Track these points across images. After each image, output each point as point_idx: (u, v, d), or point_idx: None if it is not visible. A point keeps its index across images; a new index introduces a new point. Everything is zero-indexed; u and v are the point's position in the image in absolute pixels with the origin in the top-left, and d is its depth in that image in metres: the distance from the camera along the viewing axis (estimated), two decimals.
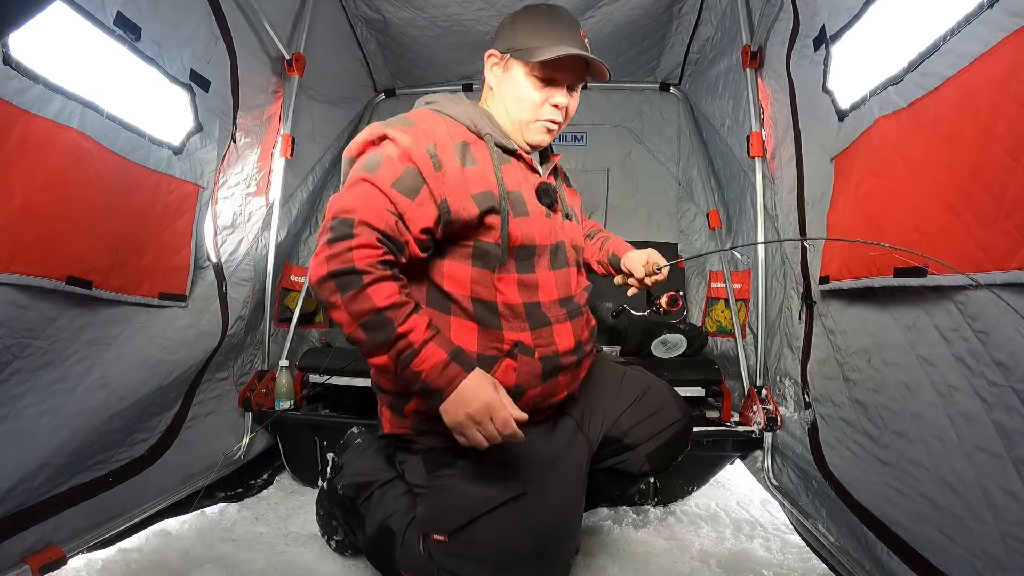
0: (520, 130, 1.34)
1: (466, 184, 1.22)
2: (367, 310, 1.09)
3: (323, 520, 1.73)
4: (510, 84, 1.32)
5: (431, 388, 1.12)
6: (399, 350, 1.11)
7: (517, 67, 1.31)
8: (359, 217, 1.11)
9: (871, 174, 1.37)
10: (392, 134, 1.19)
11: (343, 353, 2.37)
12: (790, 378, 1.90)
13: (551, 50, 1.25)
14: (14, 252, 1.21)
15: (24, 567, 1.31)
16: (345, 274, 1.09)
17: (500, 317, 1.27)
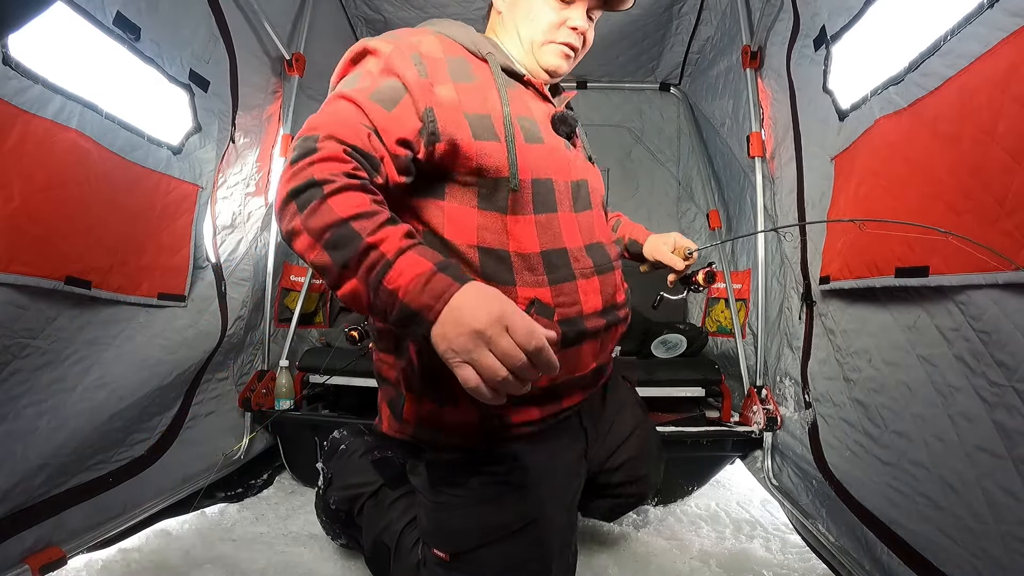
0: (533, 53, 1.22)
1: (459, 100, 1.05)
2: (328, 223, 0.83)
3: (326, 525, 1.72)
4: (525, 4, 1.21)
5: (412, 310, 0.79)
6: (369, 265, 0.82)
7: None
8: (325, 132, 0.92)
9: (872, 174, 1.37)
10: (373, 45, 1.07)
11: (343, 353, 2.37)
12: (790, 378, 1.90)
13: None
14: (13, 252, 1.21)
15: (24, 567, 1.31)
16: (304, 189, 0.86)
17: (512, 270, 1.05)
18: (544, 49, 1.21)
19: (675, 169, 3.20)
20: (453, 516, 1.15)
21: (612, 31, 2.78)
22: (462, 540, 1.14)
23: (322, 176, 0.86)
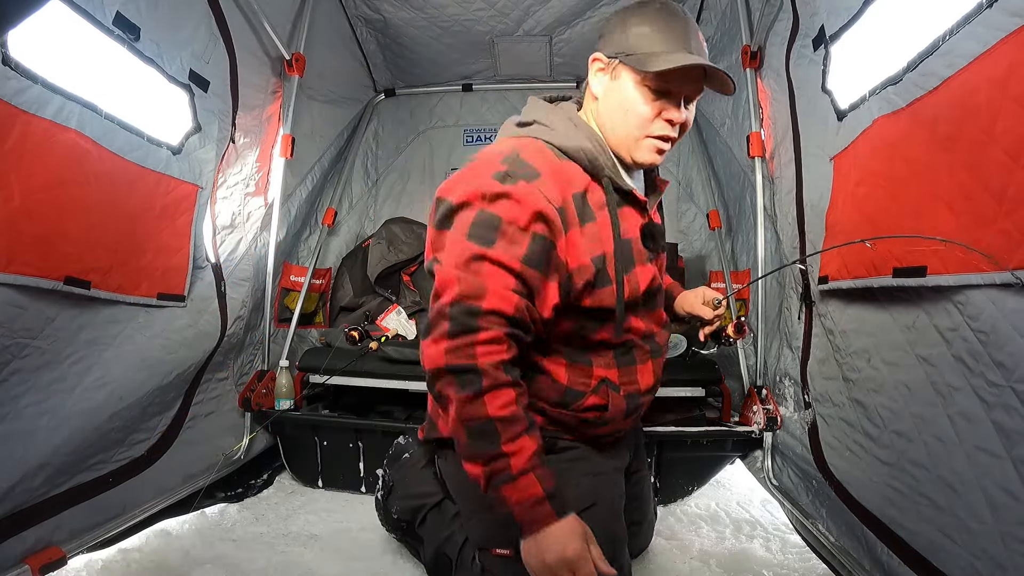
0: (628, 147, 1.20)
1: (586, 246, 1.13)
2: (478, 416, 1.00)
3: (387, 527, 1.69)
4: (618, 94, 1.17)
5: (515, 517, 1.01)
6: (497, 468, 1.01)
7: (627, 75, 1.16)
8: (486, 305, 1.01)
9: (871, 174, 1.37)
10: (513, 192, 1.05)
11: (343, 353, 2.37)
12: (790, 378, 1.90)
13: (668, 58, 1.10)
14: (12, 252, 1.22)
15: (24, 567, 1.31)
16: (466, 372, 1.01)
17: (592, 353, 1.23)
18: (639, 145, 1.20)
19: (675, 169, 3.20)
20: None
21: None
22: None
23: (483, 365, 1.00)
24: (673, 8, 1.17)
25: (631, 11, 1.19)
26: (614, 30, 1.19)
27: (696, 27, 1.18)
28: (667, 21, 1.15)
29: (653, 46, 1.13)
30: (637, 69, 1.13)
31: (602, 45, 1.21)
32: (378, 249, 3.01)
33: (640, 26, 1.15)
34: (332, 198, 3.04)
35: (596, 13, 2.67)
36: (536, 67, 3.10)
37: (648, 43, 1.13)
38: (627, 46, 1.15)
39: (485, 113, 3.35)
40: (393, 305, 2.86)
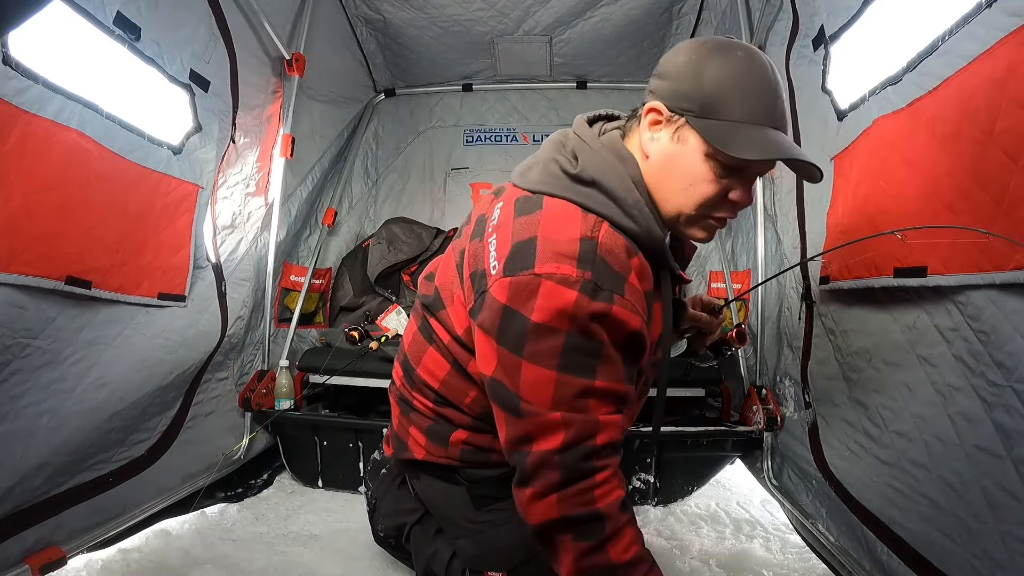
0: (679, 222, 1.01)
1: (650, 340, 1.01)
2: (600, 565, 0.89)
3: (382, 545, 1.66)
4: (680, 164, 0.96)
5: None
6: None
7: (695, 142, 0.95)
8: (600, 441, 0.88)
9: (870, 174, 1.37)
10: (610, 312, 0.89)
11: (343, 353, 2.37)
12: (790, 378, 1.90)
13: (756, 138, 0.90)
14: (13, 252, 1.21)
15: (24, 567, 1.30)
16: (585, 521, 0.88)
17: None
18: (693, 223, 1.02)
19: None
20: (500, 532, 1.16)
21: (612, 31, 2.78)
22: (515, 553, 1.14)
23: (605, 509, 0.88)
24: (762, 60, 0.95)
25: (708, 55, 0.94)
26: (683, 75, 0.95)
27: (781, 81, 0.96)
28: (757, 80, 0.93)
29: (735, 111, 0.91)
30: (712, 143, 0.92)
31: (662, 89, 0.98)
32: (378, 249, 3.01)
33: (721, 80, 0.92)
34: (332, 198, 3.04)
35: (596, 13, 2.67)
36: (536, 67, 3.10)
37: (729, 107, 0.92)
38: (701, 103, 0.93)
39: (485, 113, 3.35)
40: (393, 305, 2.86)
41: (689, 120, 0.94)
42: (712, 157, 0.94)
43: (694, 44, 0.98)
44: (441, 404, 1.18)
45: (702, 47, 0.96)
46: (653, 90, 1.00)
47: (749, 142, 0.90)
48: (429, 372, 1.19)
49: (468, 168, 3.34)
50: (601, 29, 2.77)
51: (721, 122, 0.92)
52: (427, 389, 1.20)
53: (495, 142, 3.34)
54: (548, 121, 3.31)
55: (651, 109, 0.98)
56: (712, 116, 0.93)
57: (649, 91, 1.01)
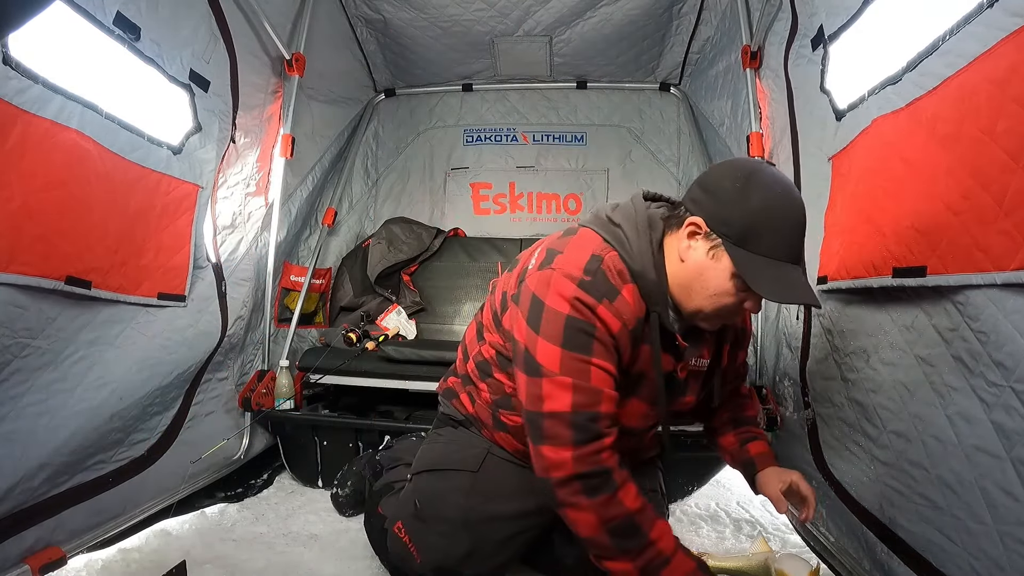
0: (695, 314, 1.18)
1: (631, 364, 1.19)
2: (618, 515, 1.07)
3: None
4: (708, 275, 1.12)
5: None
6: (649, 558, 1.08)
7: (727, 262, 1.09)
8: (603, 409, 1.08)
9: (869, 174, 1.37)
10: (598, 308, 1.09)
11: (342, 353, 2.38)
12: (789, 378, 1.90)
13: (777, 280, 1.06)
14: (13, 252, 1.22)
15: (24, 567, 1.31)
16: (595, 475, 1.07)
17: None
18: (708, 320, 1.19)
19: (675, 169, 3.20)
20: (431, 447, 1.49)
21: (612, 31, 2.78)
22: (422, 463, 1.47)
23: (612, 465, 1.08)
24: (795, 199, 1.11)
25: (753, 187, 1.08)
26: (727, 201, 1.09)
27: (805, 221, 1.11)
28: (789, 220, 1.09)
29: (764, 246, 1.06)
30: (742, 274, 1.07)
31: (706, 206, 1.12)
32: (378, 249, 3.01)
33: (758, 216, 1.07)
34: (332, 198, 3.04)
35: (596, 13, 2.67)
36: (536, 67, 3.10)
37: (760, 241, 1.07)
38: (738, 232, 1.07)
39: (485, 113, 3.35)
40: (393, 305, 2.87)
41: (725, 244, 1.09)
42: (737, 277, 1.09)
43: (741, 170, 1.12)
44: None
45: (750, 177, 1.09)
46: (697, 201, 1.14)
47: (771, 280, 1.06)
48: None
49: (468, 168, 3.34)
50: (601, 29, 2.76)
51: (751, 254, 1.07)
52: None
53: (495, 142, 3.34)
54: (548, 121, 3.31)
55: (693, 222, 1.12)
56: (744, 246, 1.07)
57: (692, 199, 1.16)
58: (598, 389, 1.09)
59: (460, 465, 1.40)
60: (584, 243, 1.17)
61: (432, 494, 1.39)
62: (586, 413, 1.08)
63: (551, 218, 3.27)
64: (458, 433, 1.47)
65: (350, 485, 2.02)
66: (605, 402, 1.09)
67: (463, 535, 1.33)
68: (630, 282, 1.14)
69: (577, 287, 1.09)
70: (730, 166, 1.16)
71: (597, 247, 1.15)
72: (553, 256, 1.16)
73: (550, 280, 1.11)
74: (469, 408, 1.43)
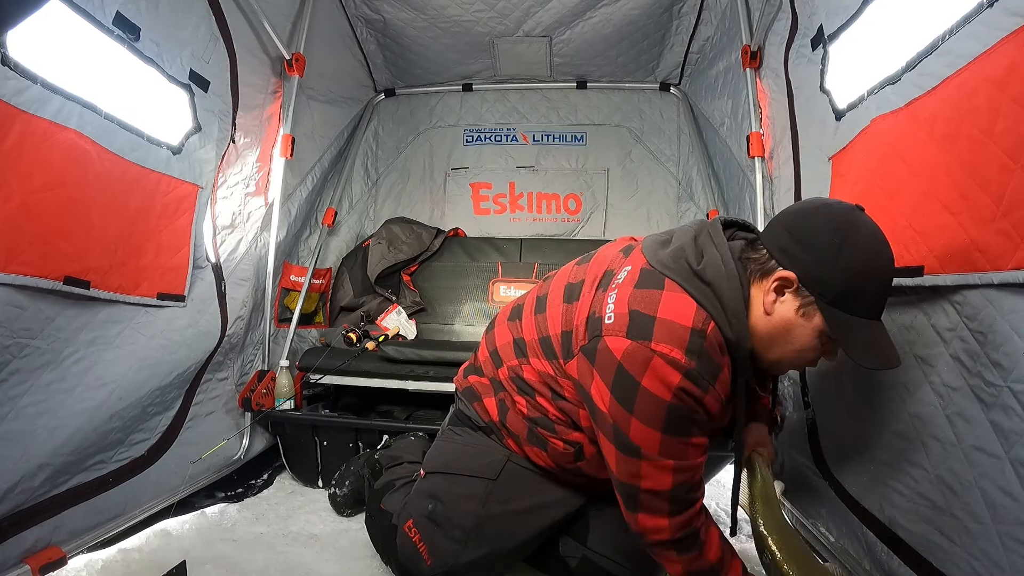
0: (772, 364, 1.17)
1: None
2: (703, 568, 1.16)
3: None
4: (797, 333, 1.09)
5: None
6: None
7: (818, 321, 1.06)
8: (698, 477, 1.13)
9: (868, 174, 1.36)
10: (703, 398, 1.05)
11: (343, 353, 2.38)
12: (789, 378, 1.90)
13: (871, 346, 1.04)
14: (12, 252, 1.22)
15: (24, 567, 1.31)
16: (688, 538, 1.13)
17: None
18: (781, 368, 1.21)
19: (675, 169, 3.20)
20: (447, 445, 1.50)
21: (612, 31, 2.78)
22: (436, 463, 1.48)
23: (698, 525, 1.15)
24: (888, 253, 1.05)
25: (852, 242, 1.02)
26: (824, 257, 1.03)
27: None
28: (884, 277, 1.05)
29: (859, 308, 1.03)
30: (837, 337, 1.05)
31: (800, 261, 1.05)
32: (378, 249, 3.01)
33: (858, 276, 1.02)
34: (332, 198, 3.04)
35: (596, 13, 2.67)
36: (536, 67, 3.10)
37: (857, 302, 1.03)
38: (835, 292, 1.03)
39: (485, 113, 3.35)
40: (393, 305, 2.87)
41: (819, 303, 1.04)
42: (825, 334, 1.07)
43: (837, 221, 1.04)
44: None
45: (847, 231, 1.03)
46: (787, 252, 1.07)
47: (866, 346, 1.04)
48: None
49: (468, 168, 3.34)
50: (601, 29, 2.76)
51: (846, 315, 1.03)
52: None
53: (495, 142, 3.34)
54: (548, 121, 3.31)
55: (784, 277, 1.07)
56: (840, 307, 1.03)
57: (781, 248, 1.08)
58: (697, 464, 1.11)
59: (478, 472, 1.38)
60: (679, 309, 1.06)
61: (446, 498, 1.38)
62: (685, 487, 1.10)
63: (551, 218, 3.27)
64: (477, 436, 1.44)
65: (348, 485, 2.02)
66: (699, 470, 1.12)
67: (477, 542, 1.33)
68: (727, 355, 1.08)
69: (684, 377, 1.02)
70: (826, 215, 1.07)
71: (695, 317, 1.05)
72: (647, 325, 1.04)
73: (649, 363, 1.03)
74: (494, 416, 1.39)
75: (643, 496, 1.11)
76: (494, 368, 1.42)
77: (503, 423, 1.38)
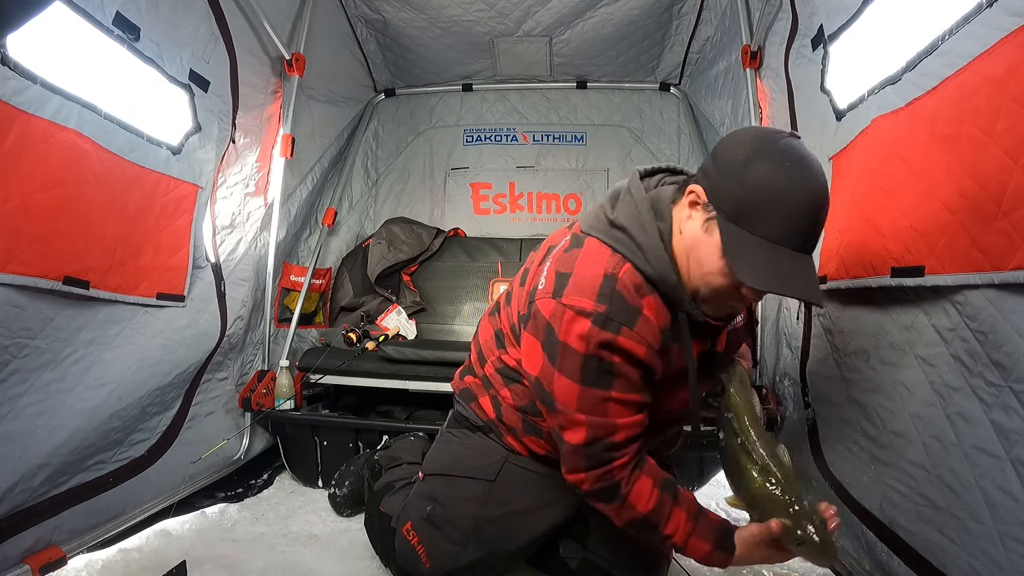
0: (695, 296, 1.10)
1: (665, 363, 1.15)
2: (632, 517, 1.14)
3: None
4: (701, 251, 1.04)
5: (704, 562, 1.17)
6: (668, 544, 1.17)
7: (718, 237, 1.01)
8: (619, 438, 1.09)
9: (869, 174, 1.36)
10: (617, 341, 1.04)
11: (343, 353, 2.37)
12: (789, 378, 1.90)
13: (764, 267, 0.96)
14: (11, 252, 1.22)
15: (24, 567, 1.31)
16: (607, 490, 1.13)
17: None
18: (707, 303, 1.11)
19: None
20: (447, 447, 1.49)
21: (612, 31, 2.78)
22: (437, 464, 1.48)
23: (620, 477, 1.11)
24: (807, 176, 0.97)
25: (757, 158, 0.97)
26: (728, 171, 1.00)
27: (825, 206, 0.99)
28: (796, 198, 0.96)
29: (760, 227, 0.97)
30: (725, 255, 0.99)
31: (710, 176, 1.03)
32: (378, 249, 3.01)
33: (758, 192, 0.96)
34: (332, 198, 3.04)
35: (596, 13, 2.67)
36: (536, 67, 3.10)
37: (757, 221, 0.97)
38: (734, 207, 0.98)
39: (485, 113, 3.35)
40: (393, 305, 2.87)
41: (719, 218, 1.01)
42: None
43: (751, 139, 1.01)
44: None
45: (758, 147, 0.99)
46: (704, 170, 1.06)
47: (757, 266, 0.97)
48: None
49: (468, 168, 3.34)
50: (601, 29, 2.76)
51: (745, 233, 0.98)
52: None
53: (495, 142, 3.34)
54: (548, 121, 3.31)
55: (692, 191, 1.05)
56: (739, 223, 0.99)
57: (701, 168, 1.08)
58: (614, 423, 1.08)
59: (476, 473, 1.38)
60: (592, 260, 1.08)
61: (445, 500, 1.38)
62: (600, 444, 1.09)
63: (551, 218, 3.27)
64: (475, 438, 1.44)
65: (348, 485, 2.02)
66: (621, 431, 1.09)
67: (476, 544, 1.33)
68: (649, 293, 1.07)
69: (592, 324, 1.03)
70: (744, 134, 1.05)
71: (607, 263, 1.07)
72: (563, 283, 1.08)
73: (563, 316, 1.05)
74: (491, 414, 1.39)
75: (564, 448, 1.14)
76: (480, 365, 1.43)
77: (500, 419, 1.38)
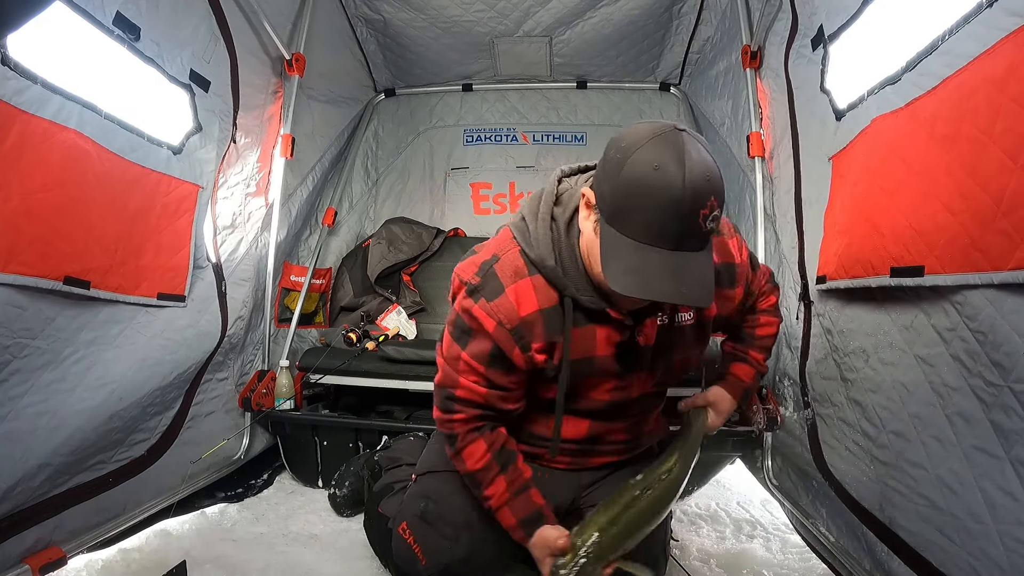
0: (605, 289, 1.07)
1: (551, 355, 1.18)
2: (463, 470, 1.26)
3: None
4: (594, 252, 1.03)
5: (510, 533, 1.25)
6: (487, 505, 1.25)
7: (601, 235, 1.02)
8: (458, 394, 1.20)
9: (869, 174, 1.36)
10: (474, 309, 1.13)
11: (343, 353, 2.38)
12: (789, 378, 1.90)
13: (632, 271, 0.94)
14: (11, 252, 1.22)
15: (24, 567, 1.31)
16: (449, 437, 1.25)
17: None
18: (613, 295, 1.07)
19: None
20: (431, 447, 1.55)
21: (612, 31, 2.78)
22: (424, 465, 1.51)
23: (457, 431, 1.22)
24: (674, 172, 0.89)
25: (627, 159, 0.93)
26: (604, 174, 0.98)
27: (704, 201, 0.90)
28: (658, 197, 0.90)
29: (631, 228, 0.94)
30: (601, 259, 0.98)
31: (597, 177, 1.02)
32: (378, 249, 3.01)
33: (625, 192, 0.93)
34: (332, 198, 3.04)
35: (596, 13, 2.67)
36: (536, 67, 3.10)
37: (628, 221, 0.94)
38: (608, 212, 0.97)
39: (485, 113, 3.35)
40: (393, 305, 2.87)
41: (600, 220, 0.99)
42: None
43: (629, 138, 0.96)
44: None
45: (630, 146, 0.94)
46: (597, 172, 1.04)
47: (626, 270, 0.94)
48: None
49: (468, 168, 3.34)
50: (601, 29, 2.76)
51: (618, 235, 0.95)
52: None
53: (495, 142, 3.34)
54: (548, 121, 3.31)
55: (583, 193, 1.05)
56: (614, 225, 0.96)
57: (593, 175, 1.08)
58: (456, 377, 1.19)
59: None
60: (494, 244, 1.23)
61: (436, 496, 1.39)
62: (444, 390, 1.22)
63: None
64: None
65: (348, 485, 2.02)
66: (461, 389, 1.19)
67: (468, 537, 1.33)
68: (528, 276, 1.14)
69: (464, 291, 1.17)
70: (627, 133, 0.98)
71: (500, 247, 1.20)
72: (467, 258, 1.24)
73: (454, 282, 1.22)
74: None
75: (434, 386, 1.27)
76: None
77: None
